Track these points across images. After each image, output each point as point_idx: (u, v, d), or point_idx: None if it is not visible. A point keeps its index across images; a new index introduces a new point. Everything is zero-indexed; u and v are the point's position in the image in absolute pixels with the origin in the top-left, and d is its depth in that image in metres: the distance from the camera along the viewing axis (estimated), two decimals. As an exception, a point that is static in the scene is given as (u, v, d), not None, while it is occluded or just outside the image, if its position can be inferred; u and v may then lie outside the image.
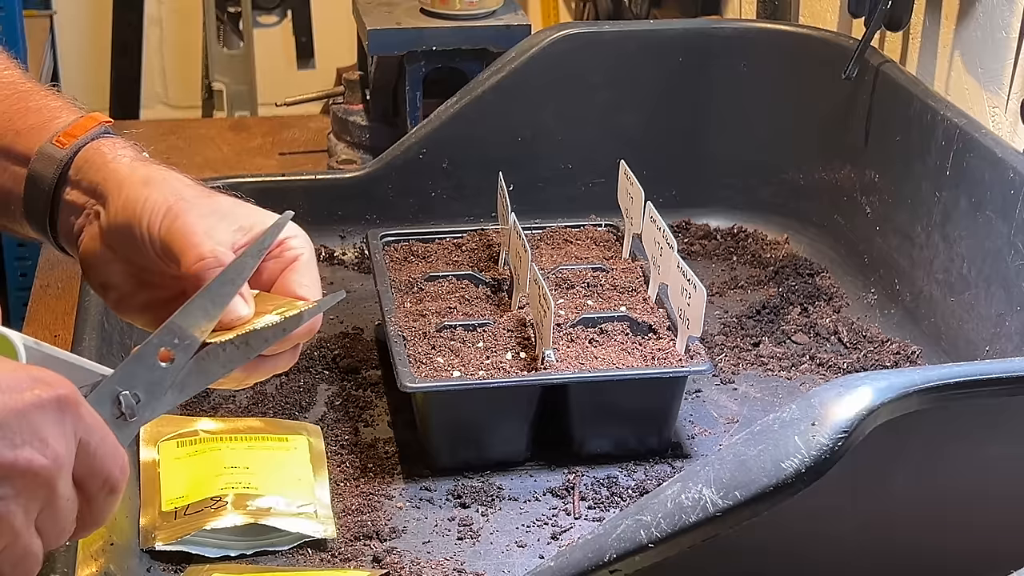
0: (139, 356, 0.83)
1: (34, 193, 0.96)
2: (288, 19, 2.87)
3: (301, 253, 0.93)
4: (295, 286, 0.91)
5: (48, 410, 0.72)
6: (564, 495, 1.15)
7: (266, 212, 0.94)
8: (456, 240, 1.39)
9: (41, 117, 0.98)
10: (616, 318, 1.22)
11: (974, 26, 1.38)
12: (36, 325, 1.42)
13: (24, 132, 0.97)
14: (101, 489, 0.76)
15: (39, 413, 0.72)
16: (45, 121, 0.98)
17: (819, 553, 0.93)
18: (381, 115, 1.69)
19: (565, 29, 1.55)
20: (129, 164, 0.94)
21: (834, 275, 1.48)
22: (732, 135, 1.58)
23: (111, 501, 0.77)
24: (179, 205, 0.90)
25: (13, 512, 0.72)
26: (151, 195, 0.91)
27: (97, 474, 0.76)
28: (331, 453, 1.18)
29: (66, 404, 0.73)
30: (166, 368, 0.83)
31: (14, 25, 2.32)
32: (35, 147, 0.96)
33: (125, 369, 0.82)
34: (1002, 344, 1.22)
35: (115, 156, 0.95)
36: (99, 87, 3.04)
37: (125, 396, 0.81)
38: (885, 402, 0.83)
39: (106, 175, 0.94)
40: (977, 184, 1.27)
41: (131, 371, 0.82)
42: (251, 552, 1.07)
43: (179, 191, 0.92)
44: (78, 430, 0.74)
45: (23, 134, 0.97)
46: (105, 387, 0.81)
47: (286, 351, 0.92)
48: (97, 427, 0.76)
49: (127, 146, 0.97)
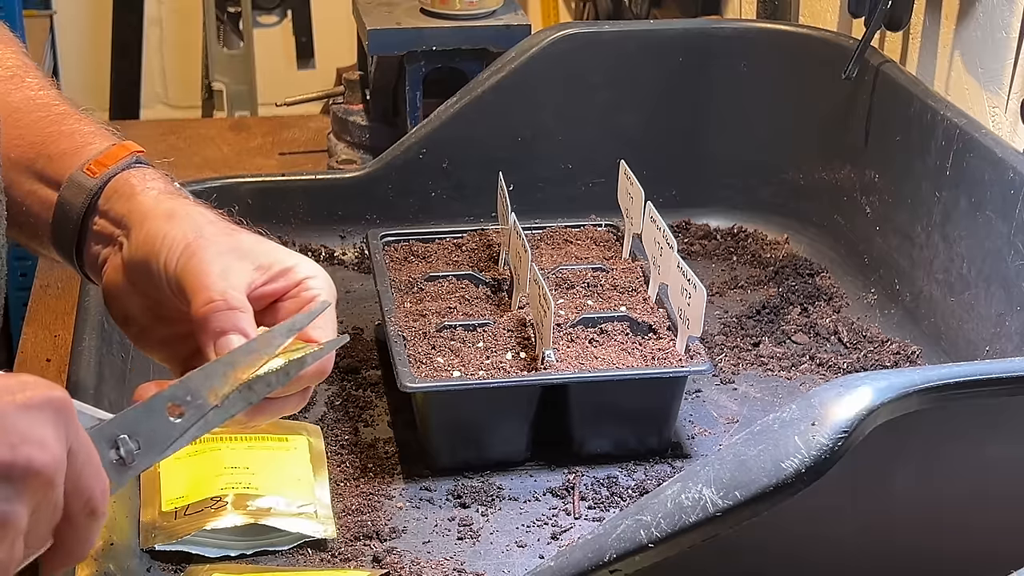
0: (148, 406, 0.81)
1: (62, 220, 0.96)
2: (288, 19, 2.87)
3: (318, 295, 0.91)
4: (309, 328, 0.89)
5: (44, 410, 0.71)
6: (564, 495, 1.15)
7: (288, 251, 0.93)
8: (456, 240, 1.39)
9: (73, 142, 0.97)
10: (616, 318, 1.22)
11: (974, 26, 1.38)
12: (36, 325, 1.42)
13: (56, 157, 0.97)
14: (82, 510, 0.74)
15: (35, 413, 0.71)
16: (77, 147, 0.97)
17: (819, 553, 0.93)
18: (381, 115, 1.69)
19: (565, 29, 1.55)
20: (155, 197, 0.93)
21: (834, 275, 1.48)
22: (732, 135, 1.58)
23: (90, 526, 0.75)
24: (197, 243, 0.89)
25: (18, 514, 0.70)
26: (171, 231, 0.90)
27: (81, 491, 0.74)
28: (331, 453, 1.18)
29: (60, 406, 0.72)
30: (173, 423, 0.81)
31: (14, 25, 2.31)
32: (66, 174, 0.95)
33: (129, 415, 0.81)
34: (1002, 344, 1.22)
35: (144, 188, 0.94)
36: (99, 87, 3.05)
37: (124, 440, 0.80)
38: (885, 402, 0.83)
39: (132, 207, 0.93)
40: (977, 184, 1.27)
41: (136, 418, 0.81)
42: (251, 552, 1.07)
43: (200, 227, 0.90)
44: (70, 437, 0.73)
45: (55, 159, 0.97)
46: (106, 428, 0.80)
47: (295, 393, 0.90)
48: (86, 442, 0.74)
49: (157, 177, 0.96)
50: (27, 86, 1.02)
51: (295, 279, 0.91)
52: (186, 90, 3.30)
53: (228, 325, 0.87)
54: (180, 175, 1.02)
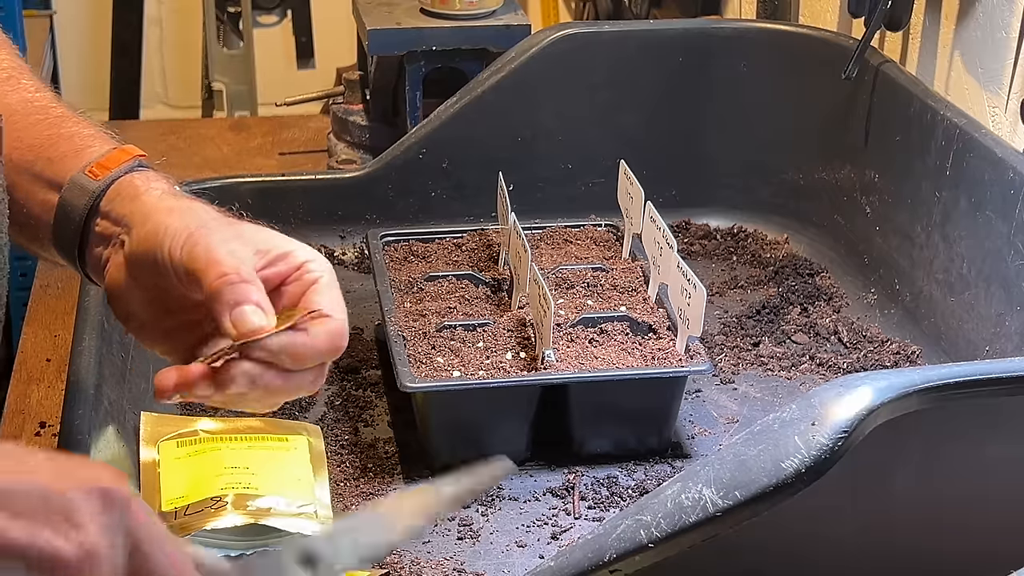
0: None
1: (64, 222, 0.96)
2: (288, 19, 2.87)
3: (321, 276, 0.92)
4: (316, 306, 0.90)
5: (91, 497, 0.67)
6: (564, 495, 1.15)
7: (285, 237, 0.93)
8: (456, 240, 1.39)
9: (73, 145, 0.97)
10: (616, 318, 1.22)
11: (974, 26, 1.38)
12: (36, 325, 1.42)
13: (56, 160, 0.97)
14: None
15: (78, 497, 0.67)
16: (77, 149, 0.97)
17: (819, 553, 0.93)
18: (381, 115, 1.69)
19: (565, 29, 1.55)
20: (158, 196, 0.94)
21: (834, 275, 1.48)
22: (732, 135, 1.57)
23: None
24: (200, 231, 0.90)
25: None
26: (173, 223, 0.90)
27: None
28: (331, 453, 1.18)
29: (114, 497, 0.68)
30: None
31: (14, 25, 2.32)
32: (67, 176, 0.95)
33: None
34: (1002, 344, 1.22)
35: (148, 189, 0.95)
36: (99, 87, 3.04)
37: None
38: (885, 402, 0.83)
39: (134, 207, 0.93)
40: (977, 184, 1.27)
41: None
42: (251, 552, 1.07)
43: (201, 219, 0.91)
44: (130, 528, 0.69)
45: (55, 162, 0.97)
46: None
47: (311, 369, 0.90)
48: (156, 532, 0.70)
49: (160, 179, 0.96)
50: (23, 88, 1.02)
51: (295, 262, 0.92)
52: (186, 90, 3.30)
53: (243, 297, 0.87)
54: (180, 175, 1.02)
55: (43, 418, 1.25)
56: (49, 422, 1.23)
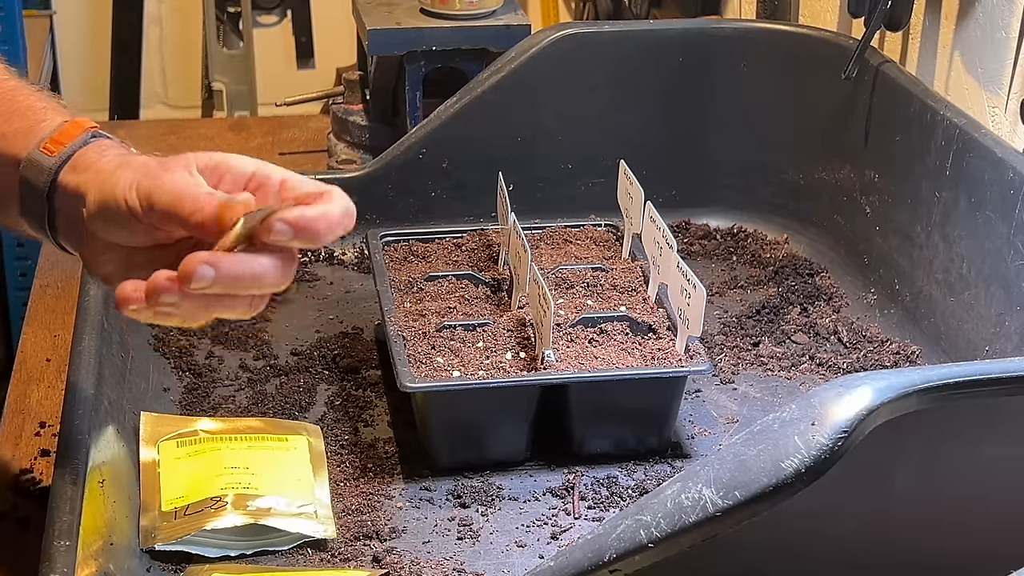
0: None
1: (29, 198, 0.97)
2: (288, 19, 2.87)
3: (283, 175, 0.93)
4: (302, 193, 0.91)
5: None
6: (564, 495, 1.15)
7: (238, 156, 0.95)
8: (456, 240, 1.39)
9: (26, 120, 0.98)
10: (616, 318, 1.22)
11: (974, 26, 1.38)
12: (36, 325, 1.42)
13: (10, 136, 0.98)
14: None
15: None
16: (31, 125, 0.98)
17: (819, 553, 0.93)
18: (381, 115, 1.69)
19: (565, 29, 1.55)
20: (111, 160, 0.95)
21: (834, 275, 1.48)
22: (732, 135, 1.58)
23: None
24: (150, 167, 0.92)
25: None
26: (123, 174, 0.92)
27: None
28: (331, 453, 1.18)
29: None
30: None
31: (14, 25, 2.32)
32: (23, 152, 0.96)
33: None
34: (1002, 344, 1.22)
35: (100, 158, 0.96)
36: (99, 87, 3.05)
37: None
38: (885, 402, 0.83)
39: (88, 176, 0.95)
40: (977, 184, 1.27)
41: None
42: (251, 552, 1.07)
43: (146, 163, 0.93)
44: None
45: (9, 138, 0.98)
46: None
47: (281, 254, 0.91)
48: None
49: (114, 146, 0.98)
50: None
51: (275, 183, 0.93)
52: (186, 90, 3.30)
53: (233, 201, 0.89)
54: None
55: (43, 418, 1.25)
56: (49, 422, 1.23)
